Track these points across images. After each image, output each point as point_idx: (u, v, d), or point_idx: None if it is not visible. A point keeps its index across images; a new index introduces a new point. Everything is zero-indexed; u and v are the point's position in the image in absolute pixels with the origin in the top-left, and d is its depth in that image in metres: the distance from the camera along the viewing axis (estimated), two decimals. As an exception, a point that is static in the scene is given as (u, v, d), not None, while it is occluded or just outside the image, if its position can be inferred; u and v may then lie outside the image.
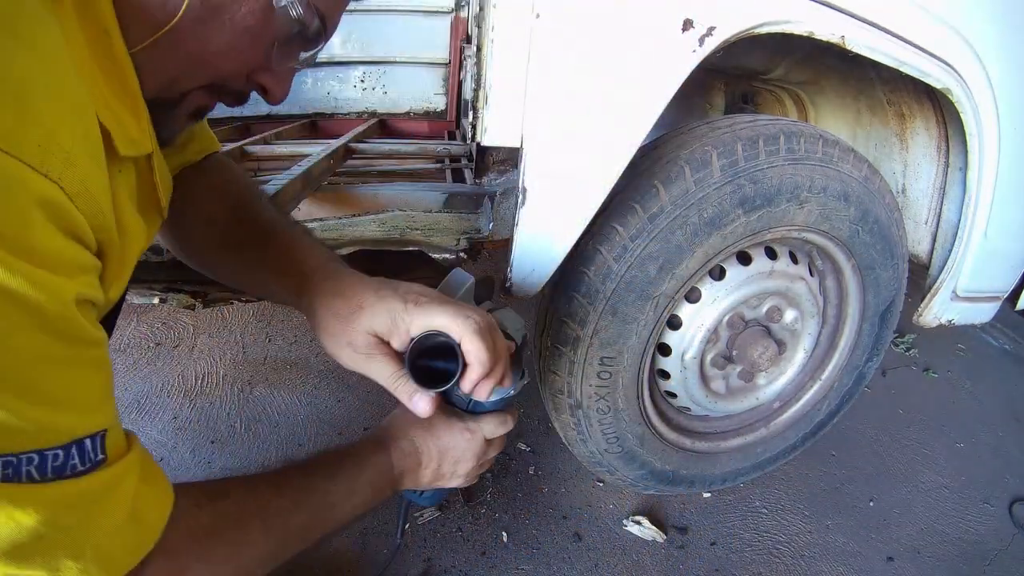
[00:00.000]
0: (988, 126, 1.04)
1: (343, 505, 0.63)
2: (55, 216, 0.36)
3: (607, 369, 0.98)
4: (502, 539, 1.16)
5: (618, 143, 0.81)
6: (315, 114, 1.97)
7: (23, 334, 0.35)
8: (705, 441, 1.22)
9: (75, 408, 0.39)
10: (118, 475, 0.42)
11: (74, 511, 0.39)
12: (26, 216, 0.34)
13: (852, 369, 1.24)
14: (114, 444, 0.42)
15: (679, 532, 1.23)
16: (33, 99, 0.35)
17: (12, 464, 0.35)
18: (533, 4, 0.72)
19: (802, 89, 1.51)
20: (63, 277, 0.37)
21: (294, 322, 1.82)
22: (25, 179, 0.33)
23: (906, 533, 1.32)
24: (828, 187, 0.97)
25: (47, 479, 0.37)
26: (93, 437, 0.40)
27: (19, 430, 0.35)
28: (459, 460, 0.72)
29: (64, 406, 0.38)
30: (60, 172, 0.35)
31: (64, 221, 0.37)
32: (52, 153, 0.35)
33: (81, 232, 0.39)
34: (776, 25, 0.81)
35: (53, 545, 0.38)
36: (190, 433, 1.36)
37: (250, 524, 0.53)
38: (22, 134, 0.34)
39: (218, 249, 0.71)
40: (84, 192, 0.38)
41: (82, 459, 0.39)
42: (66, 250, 0.37)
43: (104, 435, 0.41)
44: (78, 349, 0.39)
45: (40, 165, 0.34)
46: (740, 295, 1.03)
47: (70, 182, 0.36)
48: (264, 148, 1.38)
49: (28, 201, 0.34)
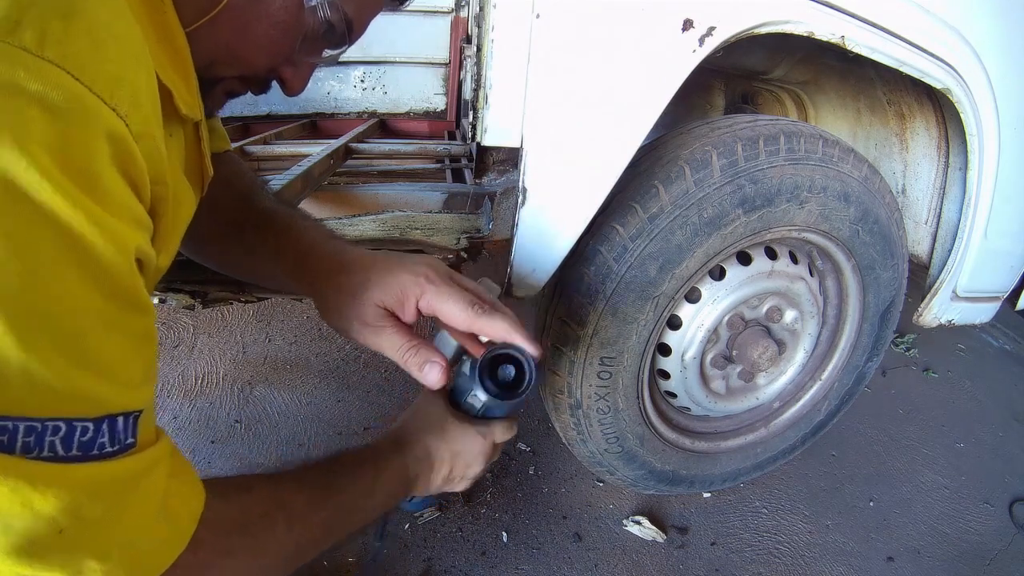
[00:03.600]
0: (988, 126, 1.04)
1: (361, 506, 0.62)
2: (119, 154, 0.34)
3: (607, 369, 0.98)
4: (502, 539, 1.16)
5: (618, 143, 0.81)
6: (315, 114, 1.97)
7: (75, 281, 0.32)
8: (705, 441, 1.22)
9: (115, 379, 0.35)
10: (149, 464, 0.39)
11: (101, 500, 0.34)
12: (93, 148, 0.33)
13: (852, 369, 1.24)
14: (146, 429, 0.39)
15: (679, 532, 1.23)
16: (107, 42, 0.34)
17: (35, 431, 0.31)
18: (533, 4, 0.72)
19: (802, 89, 1.50)
20: (126, 225, 0.35)
21: (294, 322, 1.82)
22: (96, 108, 0.33)
23: (906, 533, 1.32)
24: (828, 187, 0.97)
25: (71, 457, 0.33)
26: (127, 416, 0.36)
27: (49, 388, 0.31)
28: (470, 464, 0.72)
29: (104, 374, 0.34)
30: (127, 109, 0.35)
31: (127, 163, 0.35)
32: (122, 89, 0.35)
33: (140, 181, 0.37)
34: (776, 25, 0.81)
35: (75, 541, 0.33)
36: (190, 433, 1.36)
37: (275, 520, 0.52)
38: (94, 67, 0.33)
39: (221, 238, 0.71)
40: (147, 134, 0.37)
41: (112, 439, 0.35)
42: (127, 198, 0.36)
43: (138, 417, 0.37)
44: (130, 314, 0.36)
45: (110, 98, 0.33)
46: (740, 295, 1.03)
47: (135, 122, 0.35)
48: (264, 148, 1.38)
49: (97, 131, 0.33)
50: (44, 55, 0.31)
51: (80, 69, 0.32)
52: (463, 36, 1.88)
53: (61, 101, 0.31)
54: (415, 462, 0.68)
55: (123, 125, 0.34)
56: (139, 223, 0.37)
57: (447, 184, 1.19)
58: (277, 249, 0.68)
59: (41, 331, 0.31)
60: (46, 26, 0.31)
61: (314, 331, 1.78)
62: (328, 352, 1.69)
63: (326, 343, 1.73)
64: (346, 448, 0.66)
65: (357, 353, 1.70)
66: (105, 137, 0.33)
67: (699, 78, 1.10)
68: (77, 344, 0.33)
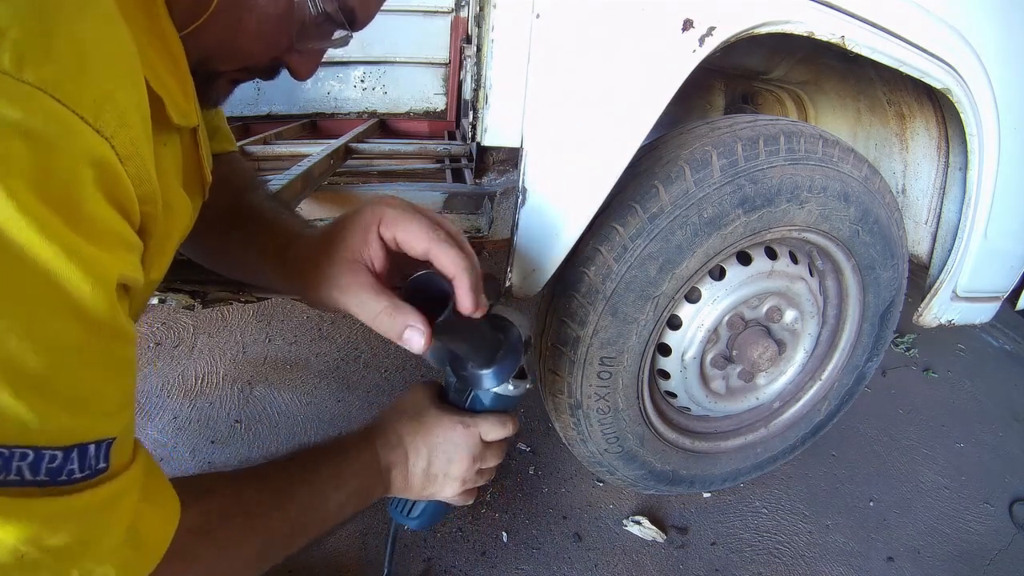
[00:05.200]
0: (988, 126, 1.04)
1: (330, 500, 0.60)
2: (104, 178, 0.33)
3: (607, 369, 0.98)
4: (502, 539, 1.16)
5: (618, 143, 0.81)
6: (315, 114, 1.97)
7: (49, 317, 0.31)
8: (705, 441, 1.22)
9: (89, 411, 0.35)
10: (117, 492, 0.38)
11: (64, 530, 0.34)
12: (76, 173, 0.31)
13: (852, 369, 1.24)
14: (120, 453, 0.39)
15: (679, 532, 1.23)
16: (91, 57, 0.33)
17: (3, 455, 0.31)
18: (533, 4, 0.72)
19: (802, 89, 1.50)
20: (108, 253, 0.34)
21: (294, 322, 1.82)
22: (78, 132, 0.32)
23: (906, 533, 1.32)
24: (828, 187, 0.97)
25: (38, 481, 0.33)
26: (99, 444, 0.36)
27: (19, 422, 0.31)
28: (452, 459, 0.68)
29: (78, 407, 0.34)
30: (113, 131, 0.34)
31: (112, 187, 0.34)
32: (107, 111, 0.33)
33: (127, 203, 0.36)
34: (776, 25, 0.81)
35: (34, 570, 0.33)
36: (190, 433, 1.36)
37: (236, 522, 0.51)
38: (78, 88, 0.32)
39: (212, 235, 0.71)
40: (135, 155, 0.36)
41: (82, 465, 0.35)
42: (113, 223, 0.35)
43: (111, 443, 0.37)
44: (108, 344, 0.35)
45: (94, 120, 0.32)
46: (740, 295, 1.03)
47: (122, 143, 0.35)
48: (264, 148, 1.38)
49: (79, 156, 0.32)
50: (24, 78, 0.30)
51: (63, 90, 0.31)
52: (463, 36, 1.88)
53: (42, 126, 0.30)
54: (386, 450, 0.65)
55: (108, 148, 0.33)
56: (126, 246, 0.37)
57: (447, 184, 1.19)
58: (263, 243, 0.67)
59: (12, 368, 0.30)
60: (25, 45, 0.30)
61: (314, 331, 1.78)
62: (328, 352, 1.69)
63: (326, 343, 1.73)
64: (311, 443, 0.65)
65: (357, 353, 1.70)
66: (89, 162, 0.32)
67: (699, 78, 1.10)
68: (50, 380, 0.32)
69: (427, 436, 0.67)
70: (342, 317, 1.85)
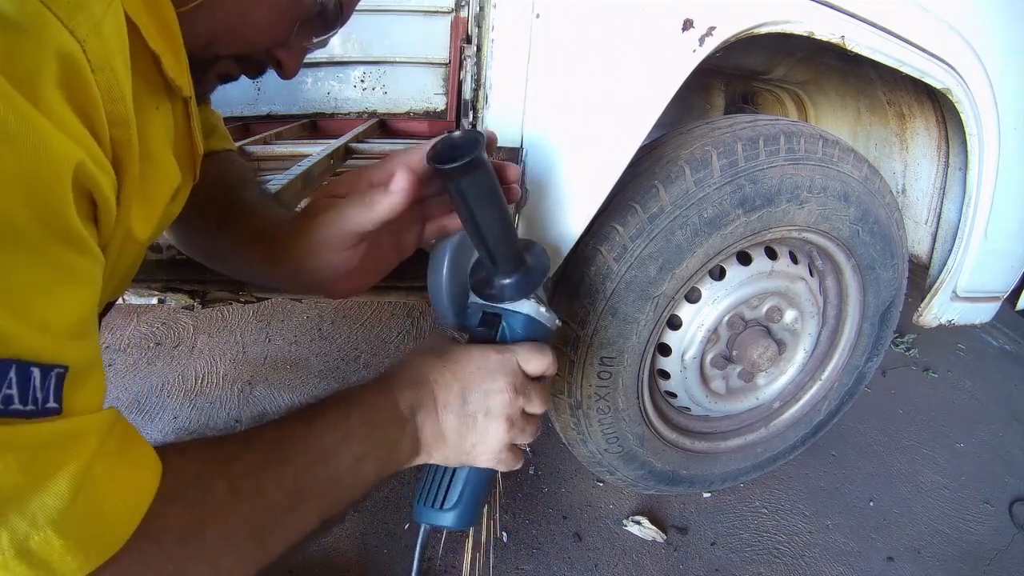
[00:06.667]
0: (988, 126, 1.04)
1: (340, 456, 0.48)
2: (69, 77, 0.31)
3: (607, 369, 0.98)
4: (502, 539, 1.16)
5: (618, 143, 0.81)
6: (315, 114, 1.97)
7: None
8: (705, 441, 1.22)
9: (25, 317, 0.28)
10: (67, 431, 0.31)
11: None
12: (39, 63, 0.29)
13: (852, 369, 1.24)
14: (78, 396, 0.32)
15: (679, 532, 1.23)
16: None
17: None
18: (533, 4, 0.72)
19: (802, 89, 1.51)
20: (67, 137, 0.30)
21: (294, 322, 1.82)
22: (49, 25, 0.30)
23: (906, 533, 1.32)
24: (828, 187, 0.97)
25: None
26: (44, 369, 0.29)
27: None
28: (490, 390, 0.55)
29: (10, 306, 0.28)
30: (86, 34, 0.32)
31: (77, 91, 0.32)
32: (82, 14, 0.32)
33: (94, 114, 0.33)
34: (776, 25, 0.81)
35: None
36: (190, 433, 1.36)
37: (213, 483, 0.40)
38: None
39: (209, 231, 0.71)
40: (107, 67, 0.34)
41: (23, 394, 0.28)
42: (71, 121, 0.31)
43: (63, 375, 0.30)
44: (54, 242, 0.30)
45: (68, 19, 0.31)
46: (740, 295, 1.03)
47: (94, 49, 0.32)
48: (264, 148, 1.38)
49: (47, 48, 0.30)
50: None
51: None
52: (463, 36, 1.88)
53: (12, 13, 0.28)
54: (408, 390, 0.54)
55: (79, 48, 0.31)
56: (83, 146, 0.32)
57: (447, 184, 1.19)
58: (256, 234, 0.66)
59: None
60: None
61: (314, 331, 1.78)
62: (328, 352, 1.69)
63: (326, 343, 1.73)
64: None
65: (357, 353, 1.70)
66: (55, 56, 0.30)
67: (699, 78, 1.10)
68: None
69: (456, 367, 0.56)
70: (342, 317, 1.85)
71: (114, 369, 1.56)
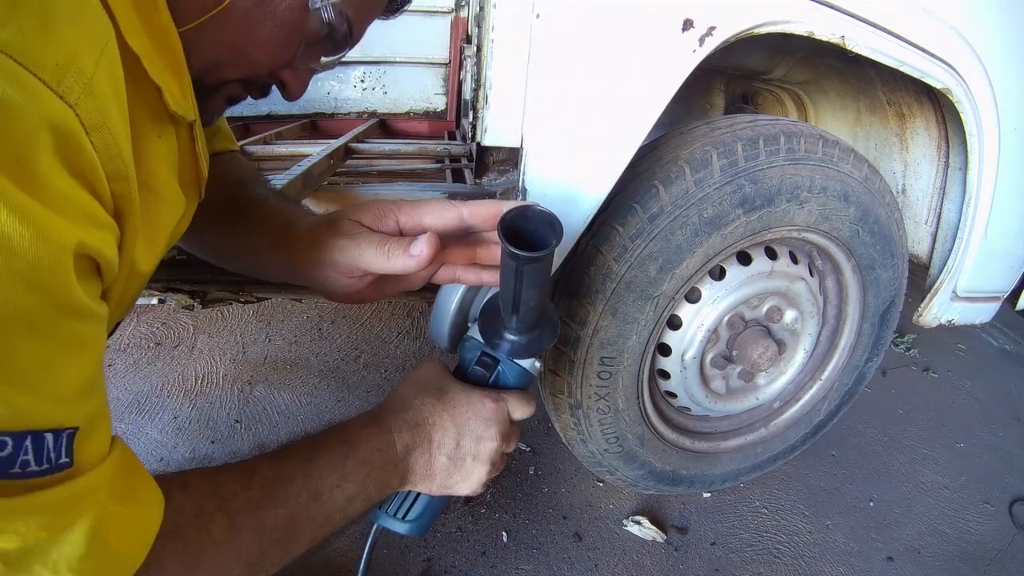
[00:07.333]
0: (988, 126, 1.04)
1: (335, 495, 0.52)
2: (64, 146, 0.31)
3: (607, 369, 0.98)
4: (502, 539, 1.16)
5: (618, 143, 0.81)
6: (315, 114, 1.97)
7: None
8: (705, 441, 1.22)
9: (40, 392, 0.31)
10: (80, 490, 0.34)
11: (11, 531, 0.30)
12: (32, 138, 0.29)
13: (852, 369, 1.24)
14: (88, 448, 0.35)
15: (679, 532, 1.23)
16: (57, 21, 0.31)
17: None
18: (533, 4, 0.72)
19: (802, 89, 1.50)
20: (64, 219, 0.31)
21: (294, 322, 1.82)
22: (37, 96, 0.29)
23: (906, 533, 1.32)
24: (828, 187, 0.97)
25: None
26: (56, 433, 0.32)
27: None
28: (482, 437, 0.59)
29: (26, 385, 0.30)
30: (77, 97, 0.31)
31: (74, 157, 0.32)
32: (71, 75, 0.31)
33: (92, 176, 0.33)
34: (776, 25, 0.81)
35: None
36: (190, 433, 1.36)
37: (212, 520, 0.44)
38: (40, 50, 0.30)
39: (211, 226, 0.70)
40: (102, 125, 0.33)
41: (38, 457, 0.31)
42: (72, 193, 0.32)
43: (73, 434, 0.33)
44: (61, 318, 0.32)
45: (56, 85, 0.30)
46: (740, 295, 1.03)
47: (87, 111, 0.32)
48: (264, 148, 1.38)
49: (37, 121, 0.29)
50: None
51: (23, 52, 0.29)
52: (463, 36, 1.88)
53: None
54: (405, 431, 0.57)
55: (71, 114, 0.31)
56: (91, 219, 0.33)
57: (447, 184, 1.19)
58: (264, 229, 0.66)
59: None
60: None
61: (314, 331, 1.78)
62: (328, 352, 1.69)
63: (326, 343, 1.74)
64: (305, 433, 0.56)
65: (357, 353, 1.70)
66: (48, 127, 0.30)
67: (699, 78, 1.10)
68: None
69: (454, 412, 0.59)
70: (342, 317, 1.85)
71: (114, 369, 1.56)
